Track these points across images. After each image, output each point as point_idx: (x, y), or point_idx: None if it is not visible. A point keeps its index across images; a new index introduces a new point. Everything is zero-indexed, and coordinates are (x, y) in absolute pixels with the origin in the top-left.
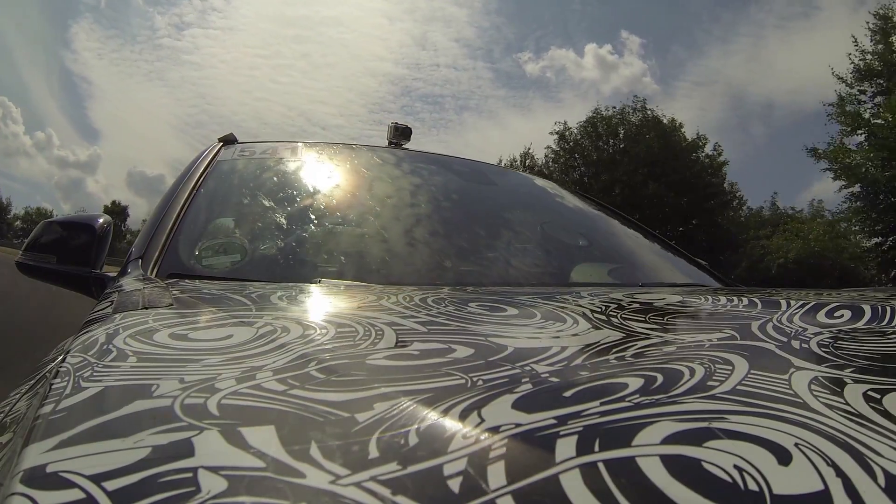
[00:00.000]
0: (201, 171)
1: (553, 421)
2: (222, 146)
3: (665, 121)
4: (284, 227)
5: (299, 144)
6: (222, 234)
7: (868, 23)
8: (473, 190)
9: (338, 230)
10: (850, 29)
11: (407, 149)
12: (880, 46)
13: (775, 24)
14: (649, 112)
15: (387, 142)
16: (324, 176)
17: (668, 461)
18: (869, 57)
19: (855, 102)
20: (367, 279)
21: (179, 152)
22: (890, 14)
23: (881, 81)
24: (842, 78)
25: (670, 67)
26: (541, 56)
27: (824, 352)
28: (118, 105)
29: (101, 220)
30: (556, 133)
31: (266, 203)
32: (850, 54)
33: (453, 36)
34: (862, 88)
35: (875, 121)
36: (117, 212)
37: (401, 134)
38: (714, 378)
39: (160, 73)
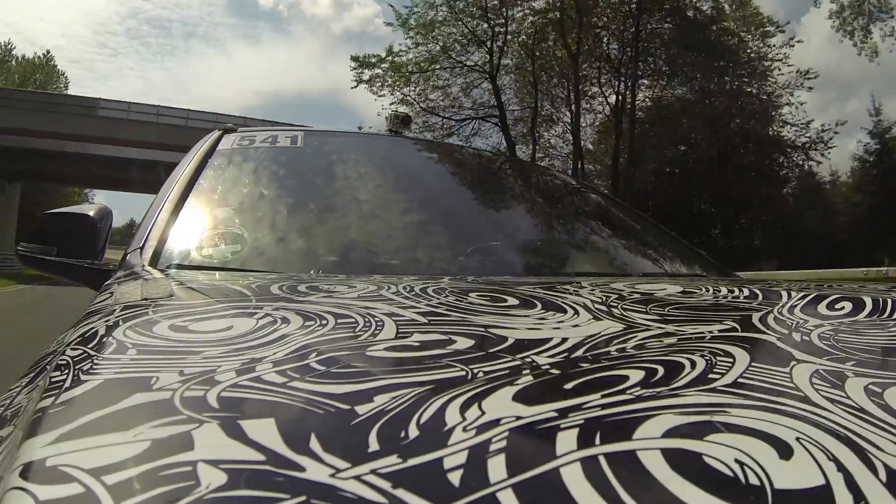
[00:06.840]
0: (201, 160)
1: (554, 413)
2: (222, 134)
3: None
4: (285, 216)
5: (300, 133)
6: (222, 224)
7: None
8: (476, 179)
9: (339, 220)
10: None
11: (408, 136)
12: None
13: None
14: None
15: (387, 130)
16: (325, 165)
17: (669, 455)
18: None
19: None
20: (368, 269)
21: None
22: None
23: None
24: None
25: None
26: None
27: (826, 344)
28: None
29: (100, 211)
30: None
31: (266, 193)
32: None
33: None
34: None
35: None
36: None
37: (400, 122)
38: (715, 371)
39: None
